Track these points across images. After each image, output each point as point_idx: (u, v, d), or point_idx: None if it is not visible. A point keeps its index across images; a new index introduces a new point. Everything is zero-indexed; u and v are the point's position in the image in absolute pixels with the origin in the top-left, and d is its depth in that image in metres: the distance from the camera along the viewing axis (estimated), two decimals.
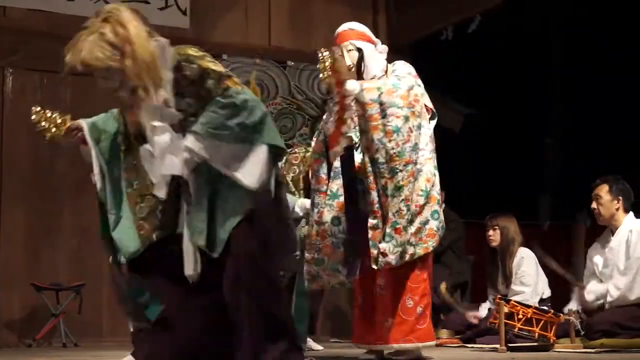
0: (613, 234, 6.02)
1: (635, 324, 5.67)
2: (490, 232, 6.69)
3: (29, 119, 3.55)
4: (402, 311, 4.52)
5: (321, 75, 4.52)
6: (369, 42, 4.72)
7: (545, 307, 5.96)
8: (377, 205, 4.47)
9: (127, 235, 3.52)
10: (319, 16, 8.23)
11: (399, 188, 4.44)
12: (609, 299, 5.83)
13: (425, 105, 4.63)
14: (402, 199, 4.43)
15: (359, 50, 4.65)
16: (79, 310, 7.11)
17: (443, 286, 6.70)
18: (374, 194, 4.47)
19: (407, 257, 4.46)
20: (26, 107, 3.72)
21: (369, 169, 4.48)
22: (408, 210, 4.44)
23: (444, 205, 7.10)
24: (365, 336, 4.69)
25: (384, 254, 4.41)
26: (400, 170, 4.44)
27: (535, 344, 5.51)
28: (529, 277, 6.44)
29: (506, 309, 5.46)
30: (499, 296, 5.84)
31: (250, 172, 3.34)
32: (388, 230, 4.42)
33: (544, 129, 10.81)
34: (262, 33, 8.06)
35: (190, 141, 3.33)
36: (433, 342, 4.64)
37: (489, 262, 6.79)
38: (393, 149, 4.43)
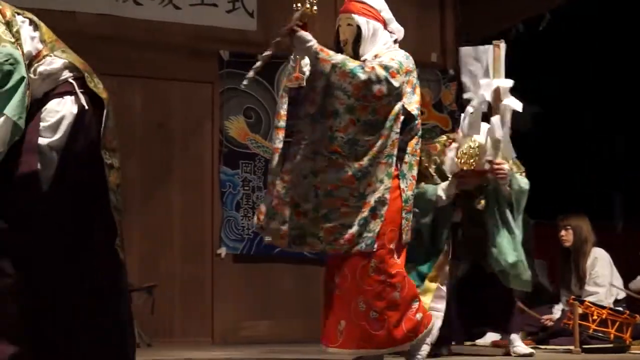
0: None
1: None
2: (563, 232, 6.58)
3: None
4: (354, 315, 4.08)
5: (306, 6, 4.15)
6: (375, 20, 4.27)
7: (621, 308, 5.86)
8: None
9: None
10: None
11: (314, 172, 4.07)
12: None
13: (405, 108, 4.15)
14: (313, 185, 4.07)
15: (358, 27, 4.26)
16: (152, 310, 7.16)
17: None
18: (287, 164, 4.12)
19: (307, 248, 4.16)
20: None
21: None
22: (316, 197, 4.06)
23: None
24: (323, 337, 4.25)
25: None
26: (323, 155, 4.06)
27: (611, 345, 5.42)
28: (603, 278, 6.33)
29: (580, 310, 5.38)
30: (573, 297, 5.75)
31: None
32: (288, 211, 4.07)
33: (616, 126, 10.65)
34: (329, 32, 8.00)
35: None
36: (396, 348, 4.14)
37: (562, 262, 6.69)
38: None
